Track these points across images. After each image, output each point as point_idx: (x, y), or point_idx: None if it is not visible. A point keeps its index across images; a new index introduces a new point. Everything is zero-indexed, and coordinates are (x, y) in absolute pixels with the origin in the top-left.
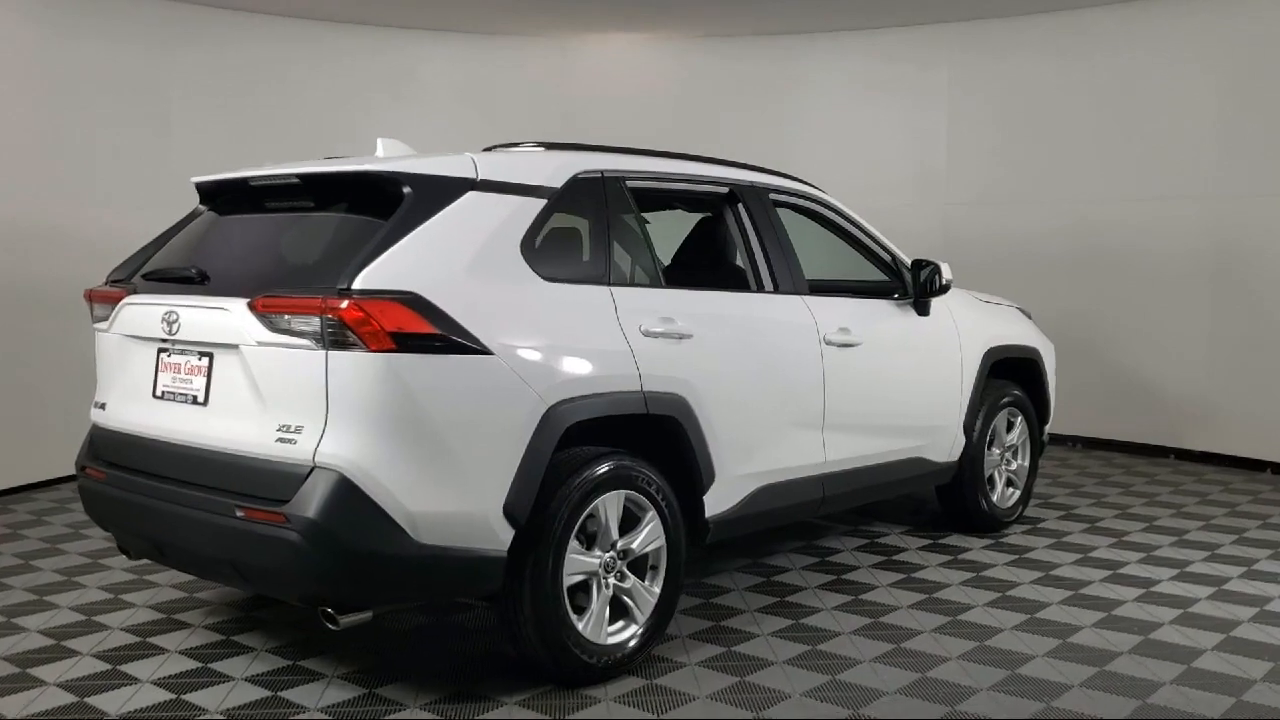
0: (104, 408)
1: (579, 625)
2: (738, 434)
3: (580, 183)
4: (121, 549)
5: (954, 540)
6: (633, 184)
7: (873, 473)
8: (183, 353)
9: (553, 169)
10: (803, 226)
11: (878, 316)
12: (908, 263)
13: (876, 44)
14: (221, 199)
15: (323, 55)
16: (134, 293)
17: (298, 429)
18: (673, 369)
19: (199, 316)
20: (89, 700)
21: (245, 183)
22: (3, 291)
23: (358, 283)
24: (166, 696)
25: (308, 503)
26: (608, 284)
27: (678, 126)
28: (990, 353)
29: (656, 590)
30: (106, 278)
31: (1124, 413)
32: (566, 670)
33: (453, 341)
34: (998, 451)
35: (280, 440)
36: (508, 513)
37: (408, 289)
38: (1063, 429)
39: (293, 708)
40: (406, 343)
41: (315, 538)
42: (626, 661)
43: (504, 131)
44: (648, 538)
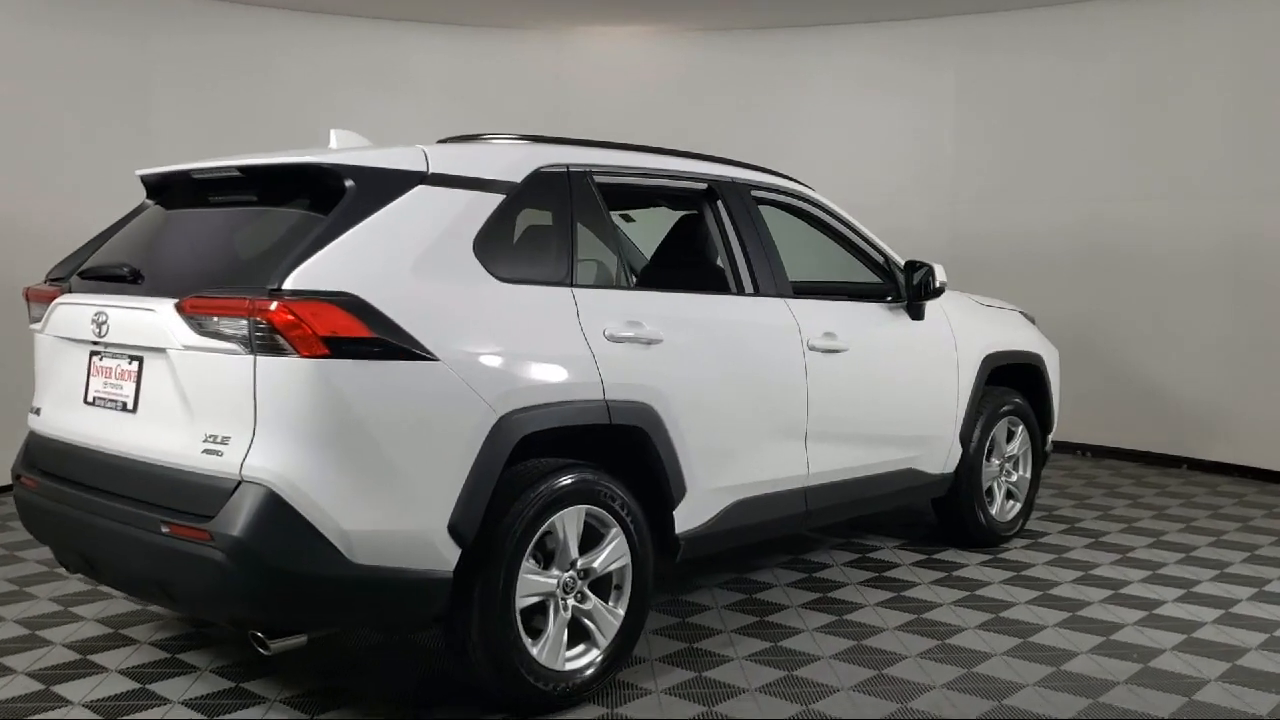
0: (39, 413)
1: (533, 649)
2: (711, 445)
3: (543, 177)
4: (61, 562)
5: (949, 556)
6: (601, 179)
7: (861, 485)
8: (114, 356)
9: (512, 162)
10: (791, 226)
11: (867, 320)
12: (901, 264)
13: (880, 39)
14: (166, 193)
15: (309, 47)
16: (68, 292)
17: (224, 440)
18: (640, 376)
19: (128, 318)
20: None
21: (188, 175)
22: None
23: (289, 283)
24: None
25: (233, 520)
26: (570, 285)
27: (674, 122)
28: (989, 359)
29: (620, 612)
30: (46, 275)
31: (1135, 420)
32: (519, 698)
33: (393, 346)
34: (997, 462)
35: (206, 451)
36: (453, 530)
37: (344, 290)
38: (1071, 437)
39: None
40: (341, 348)
41: (240, 557)
42: (586, 688)
43: (496, 126)
44: (611, 556)
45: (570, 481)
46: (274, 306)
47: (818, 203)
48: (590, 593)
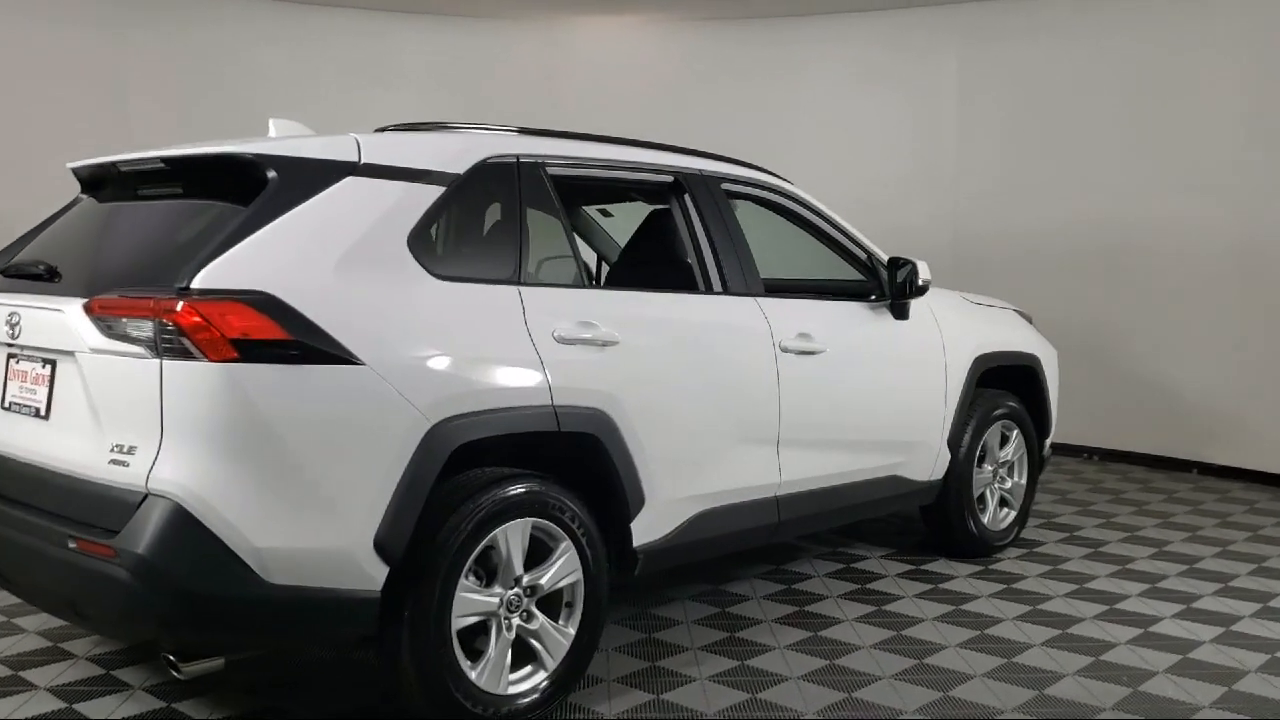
0: None
1: (471, 673)
2: (673, 453)
3: (489, 168)
4: None
5: (938, 567)
6: (556, 171)
7: (839, 494)
8: (29, 359)
9: (455, 152)
10: (771, 222)
11: (846, 321)
12: (885, 260)
13: (879, 28)
14: (98, 186)
15: (296, 38)
16: None
17: (131, 450)
18: (593, 380)
19: (40, 319)
20: None
21: (115, 167)
22: None
23: (198, 281)
24: None
25: (138, 536)
26: (517, 283)
27: (667, 114)
28: (980, 360)
29: (571, 631)
30: None
31: (1144, 423)
32: None
33: (312, 349)
34: (989, 468)
35: (113, 462)
36: (379, 547)
37: (258, 288)
38: (1078, 440)
39: None
40: (253, 351)
41: (146, 576)
42: (530, 712)
43: (487, 118)
44: (560, 572)
45: (514, 493)
46: (179, 307)
47: (795, 196)
48: (538, 611)
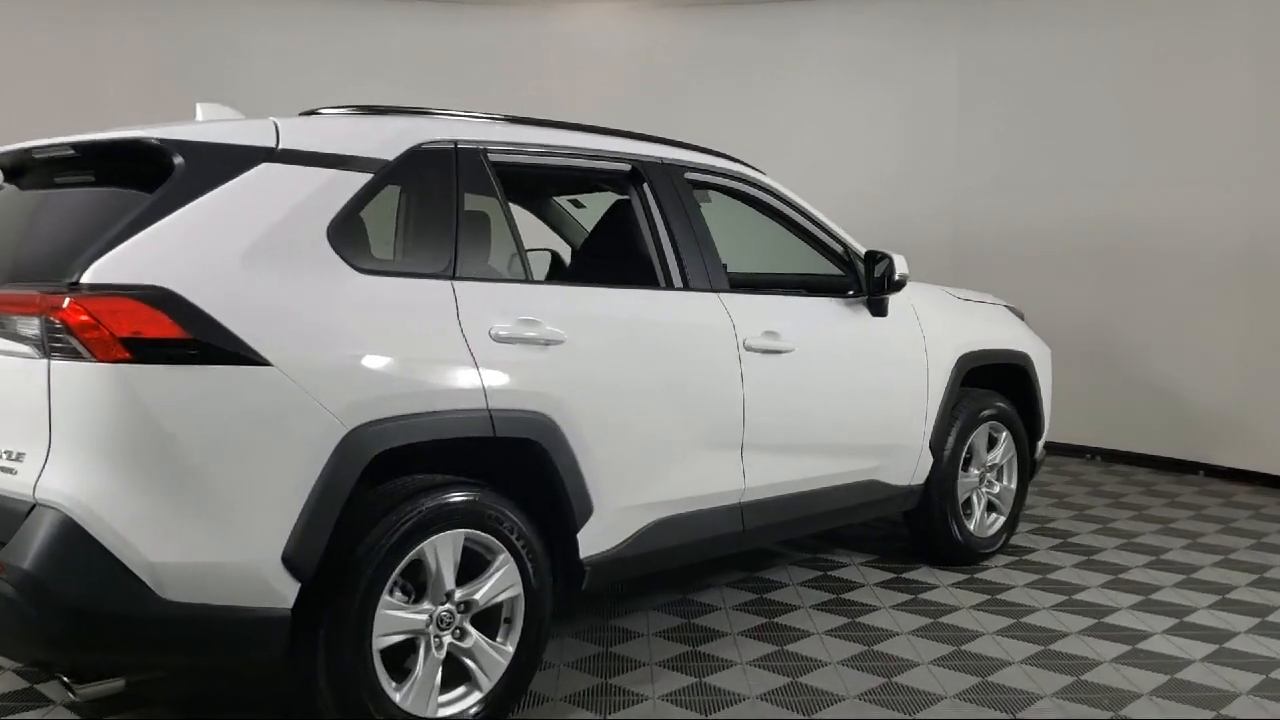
0: None
1: (395, 695)
2: (624, 458)
3: (423, 155)
4: None
5: (920, 575)
6: (498, 158)
7: (809, 500)
8: None
9: (385, 138)
10: (745, 216)
11: (818, 318)
12: (862, 254)
13: (878, 17)
14: (19, 174)
15: (279, 27)
16: None
17: (19, 456)
18: (534, 382)
19: None
20: None
21: (31, 154)
22: None
23: (89, 276)
24: None
25: (24, 549)
26: (451, 278)
27: (659, 102)
28: (965, 359)
29: (510, 649)
30: None
31: (1148, 424)
32: None
33: (213, 348)
34: (976, 472)
35: (1, 470)
36: (288, 562)
37: (155, 283)
38: (1081, 440)
39: None
40: (146, 351)
41: (32, 592)
42: None
43: (477, 105)
44: (497, 586)
45: (444, 502)
46: (65, 304)
47: (765, 186)
48: (473, 628)
